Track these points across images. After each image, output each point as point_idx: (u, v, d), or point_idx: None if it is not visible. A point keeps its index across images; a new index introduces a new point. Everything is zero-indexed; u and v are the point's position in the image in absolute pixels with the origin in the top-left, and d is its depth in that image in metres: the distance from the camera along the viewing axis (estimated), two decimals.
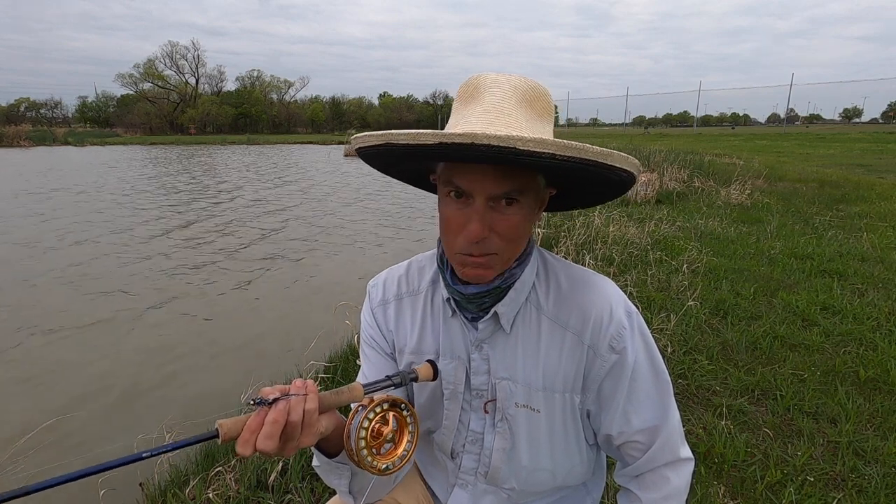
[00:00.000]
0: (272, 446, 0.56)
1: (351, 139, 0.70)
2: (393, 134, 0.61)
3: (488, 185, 0.64)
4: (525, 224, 0.69)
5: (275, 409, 0.57)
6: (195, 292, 4.69)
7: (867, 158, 14.53)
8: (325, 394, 0.62)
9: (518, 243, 0.70)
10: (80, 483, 1.84)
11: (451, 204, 0.68)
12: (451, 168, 0.66)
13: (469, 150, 0.56)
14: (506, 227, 0.67)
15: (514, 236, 0.68)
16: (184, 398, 2.87)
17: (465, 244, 0.67)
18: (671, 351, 2.66)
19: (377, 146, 0.64)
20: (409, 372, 0.68)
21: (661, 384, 0.77)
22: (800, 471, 1.81)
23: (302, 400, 0.59)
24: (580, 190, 0.73)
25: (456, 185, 0.66)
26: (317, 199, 10.65)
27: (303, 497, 1.74)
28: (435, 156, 0.63)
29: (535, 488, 0.85)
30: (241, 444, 0.56)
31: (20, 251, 6.13)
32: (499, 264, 0.70)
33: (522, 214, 0.67)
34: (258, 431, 0.56)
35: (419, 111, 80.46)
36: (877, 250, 4.58)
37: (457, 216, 0.67)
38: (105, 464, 0.51)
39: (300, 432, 0.59)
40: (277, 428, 0.56)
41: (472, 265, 0.69)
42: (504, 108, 0.65)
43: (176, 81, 67.36)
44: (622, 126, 65.59)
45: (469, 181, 0.65)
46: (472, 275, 0.70)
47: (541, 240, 4.97)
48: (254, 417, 0.57)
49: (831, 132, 32.54)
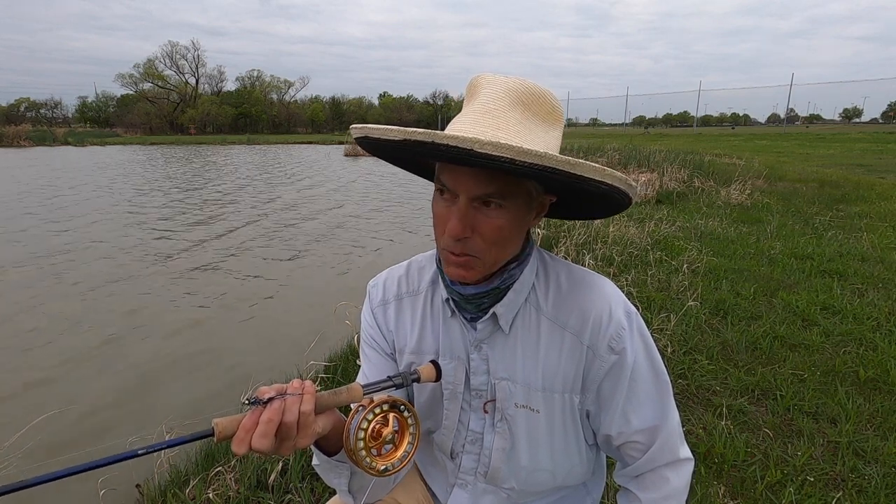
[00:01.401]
0: (267, 445, 0.56)
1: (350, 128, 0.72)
2: (369, 128, 0.64)
3: (470, 185, 0.64)
4: (511, 228, 0.68)
5: (269, 409, 0.57)
6: (194, 292, 4.69)
7: (867, 158, 14.53)
8: (323, 394, 0.62)
9: (502, 247, 0.70)
10: (80, 483, 1.83)
11: (440, 200, 0.69)
12: (441, 165, 0.68)
13: (429, 148, 0.58)
14: (488, 229, 0.67)
15: (497, 239, 0.68)
16: (182, 399, 2.87)
17: (448, 241, 0.68)
18: (671, 351, 2.66)
19: (360, 138, 0.68)
20: (411, 373, 0.68)
21: (660, 384, 0.77)
22: (800, 471, 1.81)
23: (297, 400, 0.59)
24: (577, 200, 0.73)
25: (442, 182, 0.67)
26: (317, 200, 10.65)
27: (303, 497, 1.74)
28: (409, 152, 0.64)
29: (534, 488, 0.85)
30: (236, 442, 0.56)
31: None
32: (480, 267, 0.70)
33: (507, 218, 0.67)
34: (253, 430, 0.56)
35: (419, 111, 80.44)
36: (877, 250, 4.58)
37: (443, 213, 0.68)
38: (100, 460, 0.50)
39: (296, 433, 0.59)
40: (272, 427, 0.57)
41: (454, 264, 0.69)
42: (494, 109, 0.65)
43: (176, 81, 67.45)
44: (622, 126, 65.49)
45: (453, 179, 0.66)
46: (453, 273, 0.71)
47: (541, 240, 4.97)
48: (249, 416, 0.57)
49: (831, 132, 32.53)
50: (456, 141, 0.55)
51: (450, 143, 0.55)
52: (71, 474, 0.49)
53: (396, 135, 0.61)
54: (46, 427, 2.33)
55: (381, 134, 0.63)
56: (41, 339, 3.67)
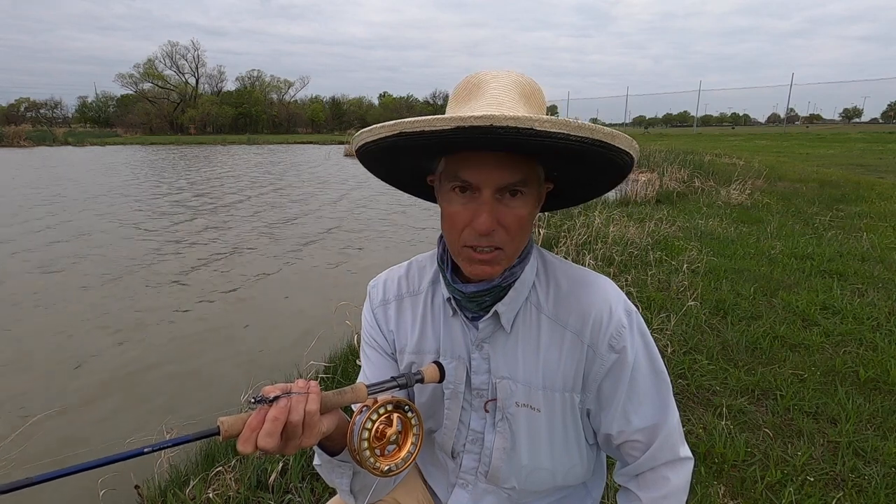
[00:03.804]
0: (273, 444, 0.56)
1: (354, 137, 0.68)
2: (405, 122, 0.59)
3: (495, 175, 0.64)
4: (530, 217, 0.69)
5: (276, 407, 0.57)
6: (193, 293, 4.69)
7: (867, 158, 14.53)
8: (328, 394, 0.62)
9: (522, 237, 0.70)
10: (80, 483, 1.82)
11: (456, 199, 0.67)
12: (455, 162, 0.66)
13: (488, 132, 0.55)
14: (512, 220, 0.67)
15: (520, 229, 0.68)
16: (183, 399, 2.87)
17: (473, 237, 0.67)
18: (671, 351, 2.66)
19: (387, 137, 0.62)
20: (415, 373, 0.68)
21: (660, 383, 0.77)
22: (800, 471, 1.81)
23: (303, 399, 0.59)
24: (574, 182, 0.74)
25: (462, 179, 0.65)
26: (317, 199, 10.64)
27: (303, 497, 1.74)
28: (447, 144, 0.61)
29: (535, 488, 0.85)
30: (241, 441, 0.56)
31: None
32: (504, 260, 0.70)
33: (527, 207, 0.68)
34: (259, 429, 0.56)
35: (419, 111, 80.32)
36: (877, 250, 4.58)
37: (462, 212, 0.67)
38: (106, 458, 0.50)
39: (301, 432, 0.59)
40: (278, 426, 0.56)
41: (479, 261, 0.68)
42: (506, 102, 0.66)
43: (176, 81, 67.37)
44: (622, 126, 65.61)
45: (476, 173, 0.64)
46: (478, 272, 0.69)
47: (541, 240, 4.97)
48: (255, 415, 0.57)
49: (831, 132, 32.55)
50: (516, 122, 0.54)
51: (509, 124, 0.54)
52: (77, 472, 0.49)
53: (446, 123, 0.55)
54: (41, 429, 2.33)
55: (426, 125, 0.56)
56: (36, 344, 3.67)
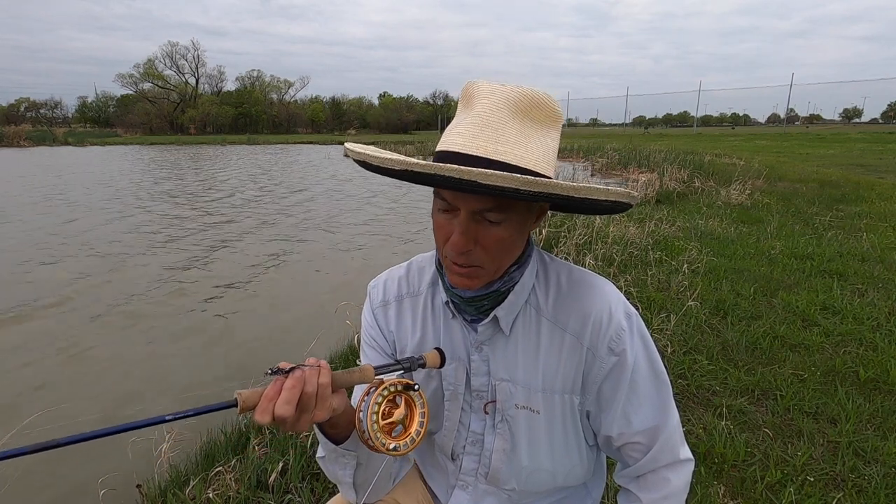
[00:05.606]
0: (289, 412, 0.57)
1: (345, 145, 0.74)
2: (369, 155, 0.65)
3: (470, 199, 0.65)
4: (512, 237, 0.69)
5: (292, 377, 0.59)
6: (193, 292, 4.69)
7: (867, 158, 14.52)
8: (338, 372, 0.64)
9: (504, 256, 0.71)
10: (80, 483, 1.82)
11: (440, 213, 0.69)
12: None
13: (431, 179, 0.59)
14: (490, 241, 0.67)
15: (499, 250, 0.69)
16: (182, 399, 2.87)
17: (451, 253, 0.69)
18: (671, 351, 2.66)
19: (356, 160, 0.69)
20: (418, 358, 0.70)
21: (660, 385, 0.78)
22: (800, 471, 1.81)
23: (316, 372, 0.61)
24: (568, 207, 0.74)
25: (442, 198, 0.67)
26: (317, 199, 10.65)
27: (303, 497, 1.74)
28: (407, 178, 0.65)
29: (535, 489, 0.85)
30: (259, 411, 0.57)
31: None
32: (484, 276, 0.71)
33: (508, 229, 0.68)
34: (276, 399, 0.58)
35: (419, 111, 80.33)
36: (877, 250, 4.58)
37: (445, 225, 0.69)
38: (129, 423, 0.52)
39: (314, 404, 0.60)
40: (295, 394, 0.58)
41: (458, 274, 0.71)
42: (492, 121, 0.64)
43: (176, 81, 67.35)
44: (622, 126, 65.52)
45: (452, 195, 0.66)
46: (457, 282, 0.72)
47: (541, 240, 4.97)
48: (272, 386, 0.59)
49: (831, 132, 32.55)
50: (459, 173, 0.56)
51: (453, 175, 0.56)
52: (100, 436, 0.50)
53: (396, 165, 0.61)
54: (45, 423, 2.33)
55: (380, 163, 0.64)
56: (37, 343, 3.67)
